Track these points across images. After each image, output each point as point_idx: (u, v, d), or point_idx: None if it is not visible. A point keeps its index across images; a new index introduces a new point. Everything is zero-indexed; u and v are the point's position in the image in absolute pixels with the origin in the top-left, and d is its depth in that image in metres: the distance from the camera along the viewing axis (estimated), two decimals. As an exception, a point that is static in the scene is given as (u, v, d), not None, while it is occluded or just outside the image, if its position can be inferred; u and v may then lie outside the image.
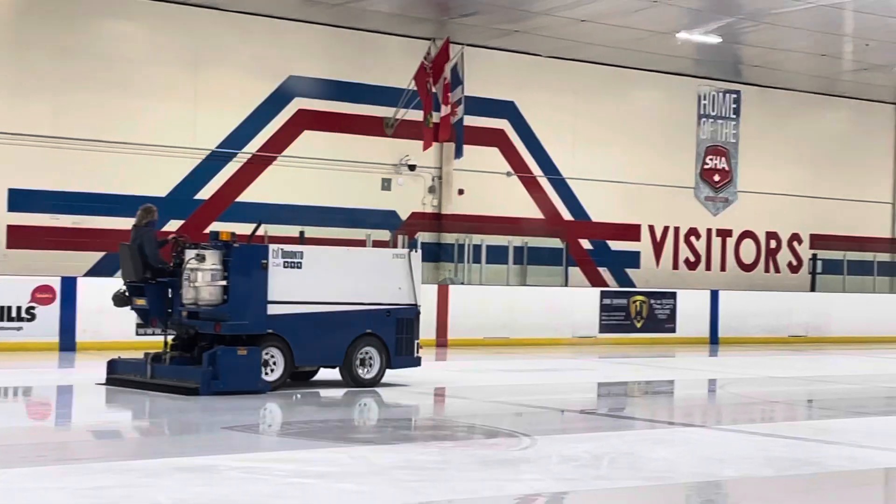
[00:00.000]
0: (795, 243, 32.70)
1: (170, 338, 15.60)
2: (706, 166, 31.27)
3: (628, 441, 11.85)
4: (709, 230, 31.29)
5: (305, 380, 16.37)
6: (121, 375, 15.46)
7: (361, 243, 25.47)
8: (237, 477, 9.24)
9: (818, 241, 32.67)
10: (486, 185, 27.95)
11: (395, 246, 25.85)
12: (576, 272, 28.82)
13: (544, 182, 28.90)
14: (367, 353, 15.80)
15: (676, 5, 24.34)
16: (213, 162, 24.93)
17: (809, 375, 20.63)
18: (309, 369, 16.27)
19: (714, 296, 28.67)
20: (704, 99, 31.19)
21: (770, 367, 22.47)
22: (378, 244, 25.64)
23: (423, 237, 27.01)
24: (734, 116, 31.62)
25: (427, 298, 24.86)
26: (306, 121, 25.89)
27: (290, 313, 14.99)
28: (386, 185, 26.89)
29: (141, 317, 16.10)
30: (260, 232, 24.75)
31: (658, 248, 30.42)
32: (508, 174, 28.39)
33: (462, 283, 26.51)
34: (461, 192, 27.57)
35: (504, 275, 27.33)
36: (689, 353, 25.96)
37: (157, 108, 24.37)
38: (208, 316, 14.69)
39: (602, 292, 27.50)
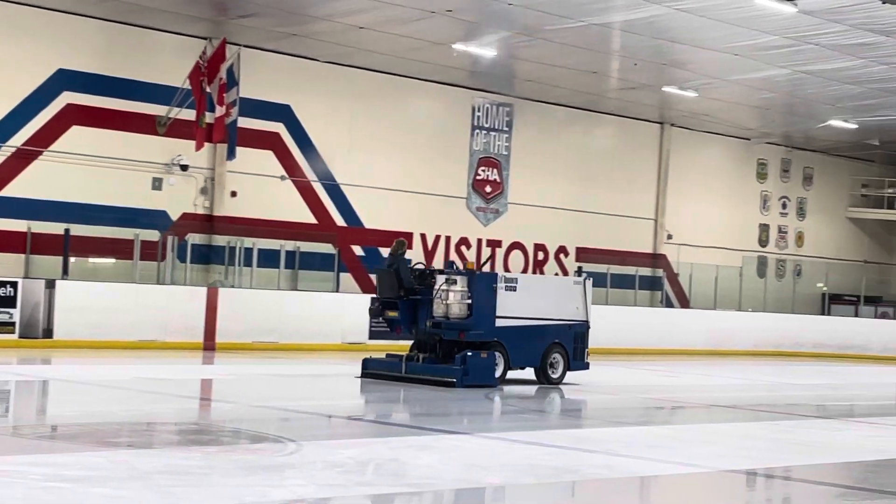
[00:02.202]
0: (562, 255, 33.45)
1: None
2: (478, 177, 31.72)
3: (394, 447, 11.90)
4: (479, 240, 31.74)
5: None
6: (374, 371, 19.39)
7: (129, 243, 25.00)
8: (-11, 481, 8.92)
9: (584, 253, 33.48)
10: (259, 187, 27.74)
11: (164, 246, 25.51)
12: (347, 278, 28.85)
13: (318, 187, 28.86)
14: (555, 358, 19.91)
15: (454, 17, 24.63)
16: (-25, 154, 24.07)
17: (571, 386, 21.07)
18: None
19: (482, 305, 29.04)
20: (479, 111, 31.65)
21: (532, 377, 22.89)
22: (147, 244, 25.22)
23: (194, 239, 26.62)
24: (507, 129, 32.18)
25: (195, 301, 24.65)
26: (75, 116, 25.23)
27: (508, 325, 19.02)
28: (157, 184, 26.41)
29: (389, 325, 19.98)
30: (22, 229, 24.13)
31: (429, 256, 30.69)
32: (282, 178, 28.24)
33: (232, 287, 26.24)
34: (234, 194, 27.29)
35: (275, 279, 27.17)
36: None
37: (-85, 96, 23.40)
38: (454, 326, 18.64)
39: (373, 299, 27.46)
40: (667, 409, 18.85)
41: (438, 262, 30.80)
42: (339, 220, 29.21)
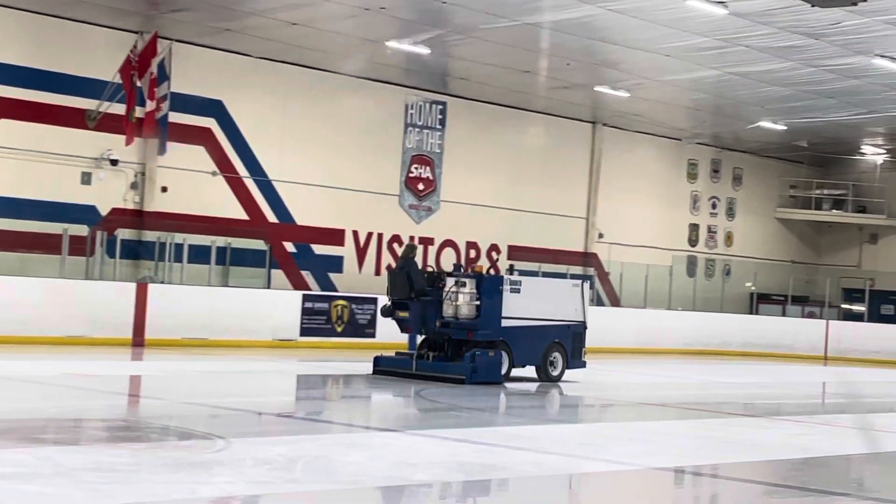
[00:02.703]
0: (494, 253, 33.53)
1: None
2: (411, 174, 31.71)
3: (324, 445, 11.89)
4: (412, 238, 31.68)
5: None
6: (385, 368, 20.30)
7: (58, 238, 24.75)
8: (-88, 478, 8.80)
9: (515, 252, 33.59)
10: (190, 183, 27.55)
11: (92, 241, 25.28)
12: (278, 275, 28.75)
13: (250, 183, 28.72)
14: (555, 356, 20.94)
15: (387, 15, 24.61)
16: None
17: (569, 383, 21.09)
18: None
19: (414, 302, 29.04)
20: (412, 108, 31.64)
21: (533, 375, 22.99)
22: (75, 239, 24.99)
23: (123, 234, 26.38)
24: (440, 127, 32.20)
25: (124, 297, 24.44)
26: (4, 109, 24.91)
27: (512, 326, 20.11)
28: (86, 178, 26.14)
29: (399, 324, 20.79)
30: None
31: (361, 253, 30.66)
32: (214, 173, 28.07)
33: (162, 282, 26.06)
34: (164, 189, 27.08)
35: (206, 275, 27.00)
36: (388, 358, 26.20)
37: None
38: (462, 326, 19.77)
39: (304, 295, 27.51)
40: (597, 406, 18.95)
41: (370, 263, 30.80)
42: (271, 217, 29.09)
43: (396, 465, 10.74)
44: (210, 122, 27.98)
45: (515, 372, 20.47)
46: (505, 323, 20.06)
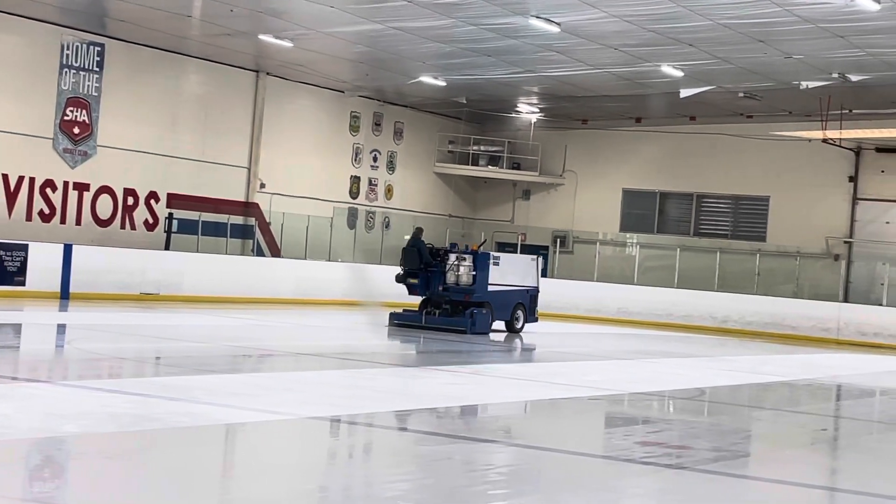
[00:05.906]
0: (153, 201, 32.84)
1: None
2: (66, 118, 30.60)
3: (-35, 397, 11.39)
4: (66, 183, 30.64)
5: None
6: (400, 322, 25.78)
7: None
8: None
9: (175, 200, 33.01)
10: None
11: None
12: (-79, 219, 27.28)
13: None
14: (518, 314, 26.82)
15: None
16: None
17: (160, 334, 20.83)
18: None
19: (67, 250, 28.18)
20: (68, 49, 30.49)
21: (121, 324, 22.47)
22: None
23: None
24: (98, 69, 31.18)
25: None
26: None
27: (493, 290, 25.98)
28: None
29: (409, 289, 26.21)
30: None
31: (11, 198, 29.40)
32: None
33: None
34: None
35: None
36: (40, 307, 25.38)
37: None
38: (461, 290, 25.58)
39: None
40: (255, 357, 18.90)
41: (21, 208, 29.57)
42: (-87, 158, 27.52)
43: (45, 417, 10.41)
44: None
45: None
46: (490, 288, 25.77)
